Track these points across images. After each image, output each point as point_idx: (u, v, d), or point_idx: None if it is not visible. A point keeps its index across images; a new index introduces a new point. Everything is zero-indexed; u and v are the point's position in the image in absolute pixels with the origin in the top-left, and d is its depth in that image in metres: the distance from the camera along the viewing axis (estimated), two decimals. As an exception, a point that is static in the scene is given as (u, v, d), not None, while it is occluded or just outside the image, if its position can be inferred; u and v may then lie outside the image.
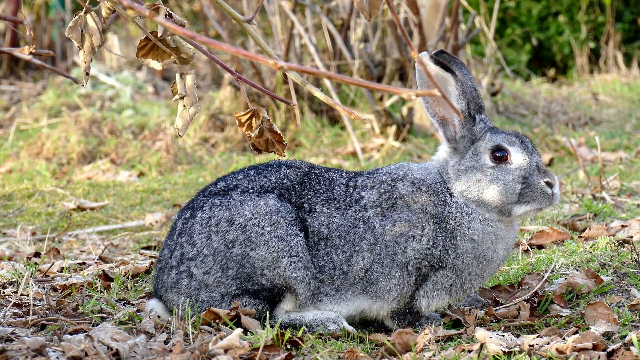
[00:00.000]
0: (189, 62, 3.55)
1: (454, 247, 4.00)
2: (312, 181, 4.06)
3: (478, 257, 4.03)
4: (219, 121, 9.59)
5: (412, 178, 4.06)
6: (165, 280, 3.99)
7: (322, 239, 3.98)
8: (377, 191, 4.04)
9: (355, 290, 4.00)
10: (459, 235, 4.01)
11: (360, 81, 2.68)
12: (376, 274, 3.98)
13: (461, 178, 4.02)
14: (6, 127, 10.35)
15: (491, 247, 4.03)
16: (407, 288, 4.00)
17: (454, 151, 4.06)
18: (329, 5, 9.51)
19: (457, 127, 4.04)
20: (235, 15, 3.50)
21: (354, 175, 4.12)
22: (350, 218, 4.00)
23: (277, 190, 4.01)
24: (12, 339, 3.71)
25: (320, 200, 4.02)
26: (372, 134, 9.10)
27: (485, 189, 4.00)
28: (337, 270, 3.98)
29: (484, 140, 4.03)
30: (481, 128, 4.06)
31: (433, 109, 4.04)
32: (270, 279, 3.92)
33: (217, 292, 3.94)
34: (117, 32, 13.76)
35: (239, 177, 4.07)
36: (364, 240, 3.98)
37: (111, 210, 7.02)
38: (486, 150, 4.02)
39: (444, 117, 4.05)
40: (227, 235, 3.93)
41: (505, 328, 4.04)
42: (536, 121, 9.71)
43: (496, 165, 4.00)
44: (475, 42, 12.81)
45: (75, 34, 3.56)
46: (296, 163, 4.12)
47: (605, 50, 13.15)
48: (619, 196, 6.06)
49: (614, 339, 3.79)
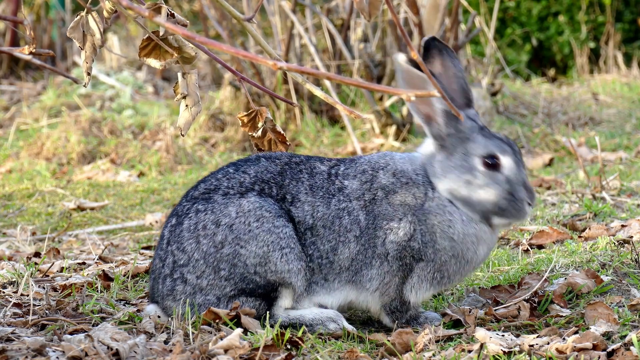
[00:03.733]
0: (191, 62, 3.55)
1: (432, 242, 3.98)
2: (293, 170, 4.04)
3: (457, 257, 4.01)
4: (219, 121, 9.59)
5: (394, 168, 4.04)
6: (161, 289, 4.00)
7: (308, 228, 3.97)
8: (359, 180, 4.02)
9: (341, 280, 4.00)
10: (438, 232, 3.98)
11: (360, 82, 2.68)
12: (360, 264, 3.98)
13: (449, 175, 3.99)
14: (6, 127, 10.35)
15: (471, 248, 4.01)
16: (389, 278, 3.99)
17: (441, 147, 4.02)
18: (329, 5, 9.51)
19: (443, 125, 3.99)
20: (235, 14, 3.51)
21: (335, 163, 4.09)
22: (334, 207, 3.98)
23: (258, 184, 4.00)
24: (12, 339, 3.72)
25: (303, 190, 4.00)
26: (372, 134, 9.11)
27: (475, 191, 3.97)
28: (324, 259, 3.97)
29: (476, 143, 3.98)
30: (470, 127, 4.01)
31: (416, 107, 4.00)
32: (263, 275, 3.91)
33: (212, 294, 3.94)
34: (118, 32, 13.76)
35: (218, 176, 4.05)
36: (350, 232, 3.97)
37: (111, 210, 7.02)
38: (478, 154, 3.97)
39: (428, 114, 4.01)
40: (215, 237, 3.93)
41: (505, 328, 4.04)
42: (536, 121, 9.71)
43: (486, 172, 3.97)
44: (475, 42, 12.82)
45: (76, 34, 3.56)
46: (276, 154, 4.08)
47: (605, 50, 13.16)
48: (619, 196, 6.07)
49: (614, 339, 3.79)
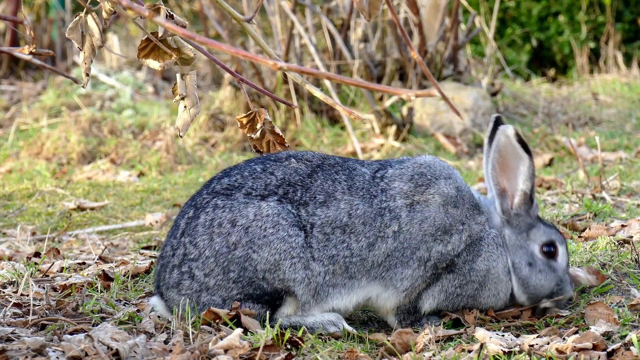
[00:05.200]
0: (190, 63, 3.55)
1: (472, 262, 4.05)
2: (328, 171, 4.04)
3: (482, 285, 4.08)
4: (219, 121, 9.60)
5: (458, 184, 4.09)
6: (167, 279, 3.99)
7: (339, 227, 3.97)
8: (414, 182, 4.04)
9: (369, 276, 3.99)
10: (482, 256, 4.06)
11: (360, 82, 2.68)
12: (395, 261, 3.99)
13: (513, 251, 4.11)
14: (6, 127, 10.36)
15: (493, 290, 4.09)
16: (419, 282, 4.01)
17: (507, 223, 4.13)
18: (329, 5, 9.51)
19: (515, 205, 4.11)
20: (235, 14, 3.51)
21: (378, 167, 4.11)
22: (376, 206, 4.00)
23: (283, 187, 4.00)
24: (12, 339, 3.72)
25: (340, 189, 4.00)
26: (372, 134, 9.11)
27: (535, 275, 4.10)
28: (355, 256, 3.96)
29: (539, 230, 4.12)
30: (534, 214, 4.14)
31: (496, 178, 4.11)
32: (271, 282, 3.91)
33: (218, 295, 3.93)
34: (117, 32, 13.76)
35: (244, 174, 4.04)
36: (389, 227, 3.98)
37: (111, 210, 7.02)
38: (540, 241, 4.11)
39: (505, 189, 4.11)
40: (229, 237, 3.92)
41: (505, 328, 4.04)
42: (536, 121, 9.71)
43: (544, 259, 4.10)
44: (475, 42, 12.81)
45: (75, 34, 3.56)
46: (307, 155, 4.09)
47: (605, 50, 13.15)
48: (619, 196, 6.06)
49: (614, 339, 3.79)
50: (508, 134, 4.04)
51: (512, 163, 4.07)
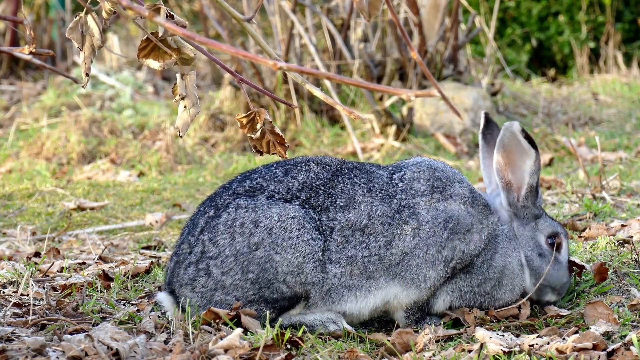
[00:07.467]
0: (190, 63, 3.54)
1: (491, 259, 4.08)
2: (347, 175, 4.05)
3: (499, 282, 4.10)
4: (219, 121, 9.60)
5: (470, 186, 4.15)
6: (182, 275, 3.96)
7: (359, 229, 3.96)
8: (431, 185, 4.08)
9: (388, 276, 3.98)
10: (500, 252, 4.10)
11: (360, 82, 2.68)
12: (417, 260, 3.99)
13: (523, 243, 4.16)
14: (6, 127, 10.36)
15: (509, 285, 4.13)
16: (439, 282, 4.04)
17: (514, 215, 4.17)
18: (329, 5, 9.51)
19: (522, 197, 4.15)
20: (235, 14, 3.51)
21: (394, 169, 4.14)
22: (395, 206, 4.01)
23: (305, 192, 3.99)
24: (12, 339, 3.72)
25: (360, 192, 4.01)
26: (372, 134, 9.11)
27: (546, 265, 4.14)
28: (373, 256, 3.96)
29: (545, 221, 4.18)
30: (540, 204, 4.20)
31: (501, 172, 4.15)
32: (292, 286, 3.88)
33: (232, 295, 3.91)
34: (117, 32, 13.76)
35: (266, 177, 4.04)
36: (408, 224, 3.99)
37: (111, 210, 7.02)
38: (546, 232, 4.16)
39: (510, 182, 4.15)
40: (251, 237, 3.89)
41: (505, 328, 4.04)
42: (536, 121, 9.72)
43: (549, 250, 4.15)
44: (475, 42, 12.82)
45: (75, 34, 3.56)
46: (325, 160, 4.11)
47: (605, 50, 13.15)
48: (619, 196, 6.06)
49: (614, 339, 3.79)
50: (514, 131, 4.08)
51: (517, 158, 4.11)
